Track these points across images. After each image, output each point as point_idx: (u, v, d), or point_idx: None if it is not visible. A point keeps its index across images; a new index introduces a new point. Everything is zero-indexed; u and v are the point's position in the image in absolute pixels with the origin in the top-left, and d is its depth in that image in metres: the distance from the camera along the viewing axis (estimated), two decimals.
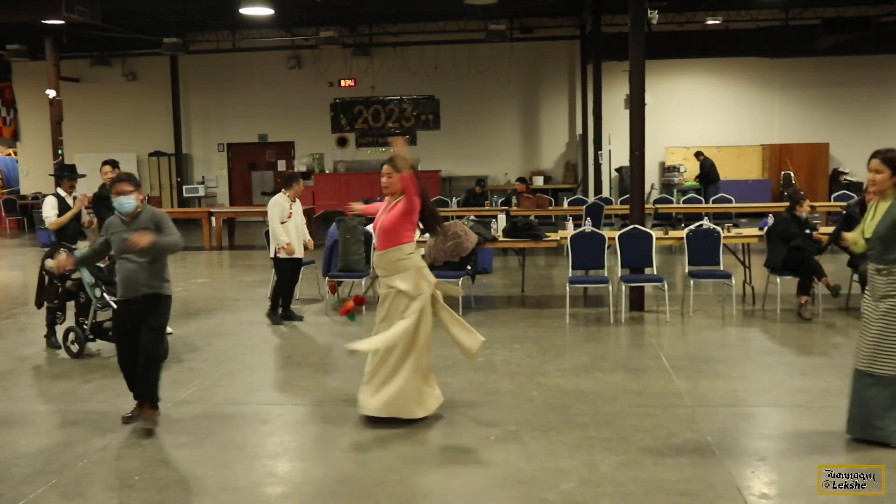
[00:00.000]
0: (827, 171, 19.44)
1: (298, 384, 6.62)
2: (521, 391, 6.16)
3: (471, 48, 19.78)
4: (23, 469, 4.80)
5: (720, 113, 19.95)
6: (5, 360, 7.49)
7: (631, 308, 9.00)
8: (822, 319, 8.45)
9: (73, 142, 20.02)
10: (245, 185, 22.25)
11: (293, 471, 4.83)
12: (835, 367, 6.62)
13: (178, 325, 8.47)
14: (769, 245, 8.93)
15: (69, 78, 20.87)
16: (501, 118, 20.84)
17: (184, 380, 6.62)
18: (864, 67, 19.32)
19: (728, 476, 4.52)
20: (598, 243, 8.87)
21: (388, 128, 21.29)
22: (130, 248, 5.26)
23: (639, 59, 9.23)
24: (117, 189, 5.46)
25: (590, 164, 19.30)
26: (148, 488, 4.52)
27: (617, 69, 16.76)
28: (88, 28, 15.36)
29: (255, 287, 11.18)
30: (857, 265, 8.46)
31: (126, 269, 5.42)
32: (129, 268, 5.40)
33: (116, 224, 5.52)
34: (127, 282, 5.43)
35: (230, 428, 5.49)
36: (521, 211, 13.65)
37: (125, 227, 5.45)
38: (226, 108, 21.67)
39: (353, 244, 9.35)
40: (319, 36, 17.88)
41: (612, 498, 4.26)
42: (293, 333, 8.42)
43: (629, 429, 5.23)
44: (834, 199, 15.43)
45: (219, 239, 16.39)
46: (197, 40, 20.11)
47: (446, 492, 4.44)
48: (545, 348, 7.48)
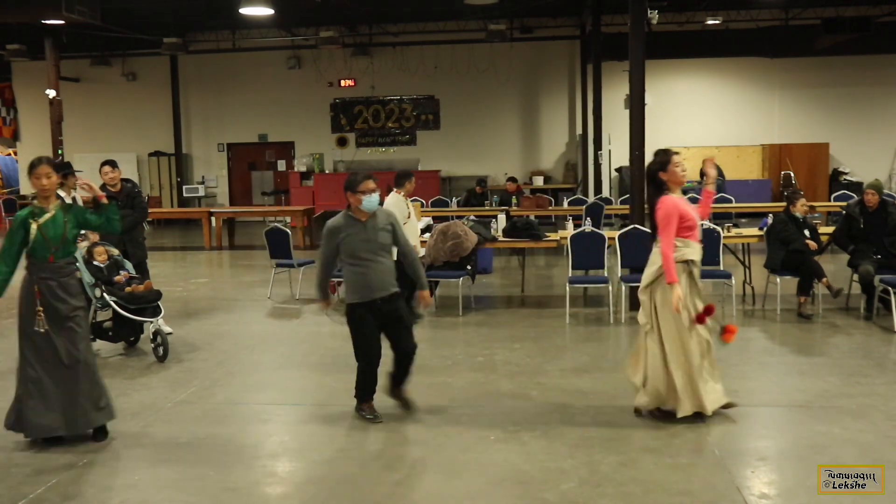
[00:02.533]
0: (827, 171, 19.43)
1: (298, 384, 6.62)
2: (521, 391, 6.16)
3: (471, 48, 19.78)
4: (23, 469, 4.80)
5: (720, 113, 19.94)
6: (5, 360, 7.49)
7: (631, 308, 8.98)
8: (822, 319, 8.45)
9: (73, 142, 20.02)
10: (245, 185, 22.25)
11: (293, 471, 4.83)
12: (835, 367, 6.63)
13: (178, 325, 8.47)
14: (769, 246, 8.93)
15: (69, 78, 20.86)
16: (501, 118, 20.83)
17: (184, 380, 6.63)
18: (864, 67, 19.31)
19: (728, 476, 4.52)
20: (598, 243, 8.86)
21: (388, 128, 21.30)
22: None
23: (639, 59, 9.23)
24: (367, 187, 5.28)
25: (590, 164, 19.29)
26: (148, 488, 4.52)
27: (617, 69, 16.74)
28: (88, 28, 15.35)
29: (255, 287, 11.18)
30: (857, 265, 8.46)
31: (366, 272, 5.33)
32: (369, 270, 5.32)
33: (346, 226, 5.37)
34: (377, 282, 5.35)
35: (230, 428, 5.49)
36: (521, 211, 13.65)
37: (359, 229, 5.34)
38: (226, 107, 21.67)
39: None
40: (319, 36, 17.88)
41: (612, 498, 4.26)
42: (293, 333, 8.42)
43: (629, 429, 5.23)
44: (834, 199, 15.43)
45: (219, 239, 16.39)
46: (197, 40, 20.11)
47: (446, 492, 4.44)
48: (545, 348, 7.48)
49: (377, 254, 5.33)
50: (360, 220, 5.35)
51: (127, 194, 8.06)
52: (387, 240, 5.40)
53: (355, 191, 5.31)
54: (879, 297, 8.28)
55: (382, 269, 5.35)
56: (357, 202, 5.32)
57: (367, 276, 5.30)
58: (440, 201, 15.86)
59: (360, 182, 5.31)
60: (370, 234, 5.31)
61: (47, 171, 5.09)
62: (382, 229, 5.36)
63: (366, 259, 5.30)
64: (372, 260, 5.30)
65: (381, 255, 5.36)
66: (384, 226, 5.38)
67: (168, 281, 11.50)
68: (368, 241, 5.29)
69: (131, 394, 6.24)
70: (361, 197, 5.29)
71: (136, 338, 7.74)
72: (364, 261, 5.30)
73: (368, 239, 5.30)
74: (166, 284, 10.42)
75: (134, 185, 8.51)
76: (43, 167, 5.10)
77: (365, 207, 5.32)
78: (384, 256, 5.37)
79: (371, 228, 5.33)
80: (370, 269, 5.30)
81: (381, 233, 5.36)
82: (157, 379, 6.71)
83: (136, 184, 8.93)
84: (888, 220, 8.45)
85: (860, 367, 6.60)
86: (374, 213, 5.38)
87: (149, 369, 7.01)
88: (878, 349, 7.26)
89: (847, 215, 8.77)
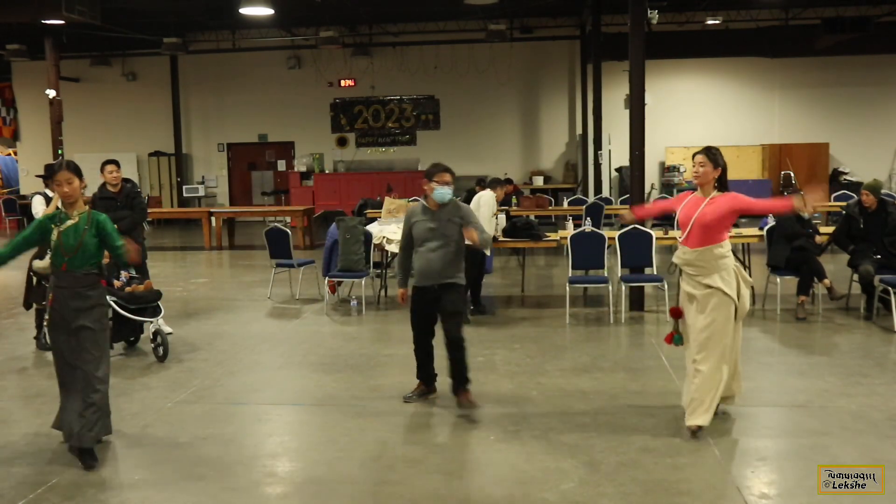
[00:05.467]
0: (827, 171, 19.43)
1: (298, 384, 6.62)
2: (521, 391, 6.16)
3: (471, 48, 19.78)
4: (23, 469, 4.79)
5: (720, 113, 19.94)
6: (5, 360, 7.50)
7: (631, 308, 9.00)
8: (822, 319, 8.45)
9: (73, 142, 20.01)
10: (245, 185, 22.25)
11: (293, 471, 4.83)
12: (835, 367, 6.63)
13: (178, 325, 8.47)
14: (771, 244, 8.93)
15: (69, 78, 20.86)
16: (501, 118, 20.83)
17: (184, 380, 6.63)
18: (864, 67, 19.32)
19: (728, 476, 4.52)
20: (598, 243, 8.86)
21: (388, 128, 21.30)
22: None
23: (639, 59, 9.23)
24: (443, 178, 5.49)
25: (590, 164, 19.29)
26: (148, 488, 4.52)
27: (617, 69, 16.75)
28: (88, 28, 15.35)
29: (255, 287, 11.18)
30: (857, 265, 8.46)
31: (427, 259, 5.51)
32: (431, 257, 5.49)
33: (419, 213, 5.60)
34: (431, 270, 5.51)
35: (230, 428, 5.49)
36: (521, 211, 13.65)
37: (428, 217, 5.54)
38: (226, 108, 21.67)
39: (353, 244, 9.35)
40: (319, 36, 17.88)
41: (612, 498, 4.26)
42: (293, 333, 8.42)
43: (629, 429, 5.23)
44: (834, 199, 15.42)
45: (219, 239, 16.39)
46: (197, 40, 20.11)
47: (446, 492, 4.44)
48: (545, 348, 7.48)
49: (437, 243, 5.50)
50: (431, 209, 5.56)
51: (127, 195, 8.04)
52: (452, 231, 5.55)
53: (431, 179, 5.54)
54: (879, 297, 8.29)
55: (437, 259, 5.50)
56: (430, 191, 5.55)
57: (430, 263, 5.49)
58: None
59: (436, 173, 5.56)
60: (438, 224, 5.50)
61: (67, 176, 4.80)
62: (450, 221, 5.54)
63: (430, 246, 5.48)
64: (435, 248, 5.48)
65: (445, 245, 5.51)
66: (452, 217, 5.55)
67: (168, 281, 11.50)
68: (432, 230, 5.49)
69: (131, 394, 6.24)
70: (434, 186, 5.52)
71: (136, 338, 7.75)
72: (428, 248, 5.49)
73: (433, 228, 5.49)
74: (166, 284, 10.43)
75: (134, 186, 8.50)
76: (63, 173, 4.81)
77: (435, 196, 5.53)
78: (448, 246, 5.52)
79: (440, 218, 5.52)
80: (432, 257, 5.49)
81: (447, 224, 5.53)
82: (157, 379, 6.71)
83: (136, 184, 8.93)
84: (888, 220, 8.45)
85: (860, 367, 6.60)
86: (446, 204, 5.56)
87: (149, 369, 7.01)
88: (878, 349, 7.26)
89: (847, 215, 8.77)
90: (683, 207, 5.22)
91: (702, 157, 5.18)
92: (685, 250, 5.16)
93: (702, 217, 5.08)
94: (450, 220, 5.56)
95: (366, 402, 5.98)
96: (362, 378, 6.60)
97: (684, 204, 5.25)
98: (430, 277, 5.54)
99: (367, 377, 6.63)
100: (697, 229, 5.08)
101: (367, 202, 15.08)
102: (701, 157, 5.19)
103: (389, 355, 7.34)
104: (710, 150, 5.20)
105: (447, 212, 5.57)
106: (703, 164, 5.15)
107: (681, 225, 5.23)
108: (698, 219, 5.08)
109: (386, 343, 7.95)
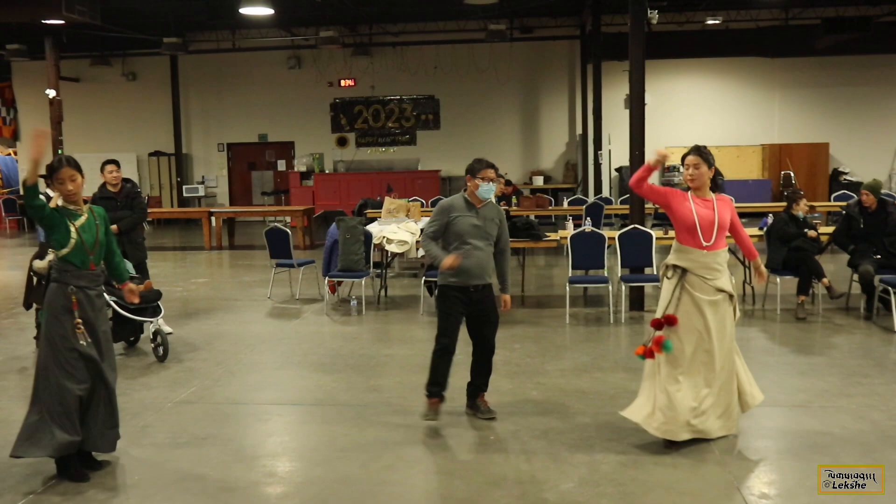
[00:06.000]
0: (827, 171, 19.44)
1: (298, 384, 6.62)
2: (521, 391, 6.16)
3: (471, 48, 19.78)
4: (23, 469, 4.79)
5: (720, 113, 19.94)
6: (5, 360, 7.50)
7: (631, 308, 9.00)
8: (822, 319, 8.45)
9: (73, 142, 19.99)
10: (245, 185, 22.25)
11: (293, 471, 4.83)
12: (835, 367, 6.63)
13: (178, 325, 8.47)
14: (769, 245, 8.93)
15: (69, 78, 20.86)
16: (501, 118, 20.83)
17: (184, 380, 6.63)
18: (864, 67, 19.31)
19: (728, 476, 4.52)
20: (598, 243, 8.87)
21: (388, 128, 21.30)
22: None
23: (639, 59, 9.23)
24: (487, 175, 5.38)
25: (590, 164, 19.29)
26: (148, 488, 4.52)
27: (617, 69, 16.76)
28: (88, 28, 15.35)
29: (254, 287, 11.18)
30: (857, 265, 8.46)
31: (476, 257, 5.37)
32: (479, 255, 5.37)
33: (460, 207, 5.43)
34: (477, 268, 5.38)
35: (230, 428, 5.49)
36: (521, 211, 13.64)
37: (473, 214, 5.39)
38: (226, 107, 21.67)
39: (353, 244, 9.35)
40: (319, 36, 17.87)
41: (612, 498, 4.26)
42: (293, 333, 8.42)
43: (629, 429, 5.22)
44: (834, 199, 15.44)
45: (219, 239, 16.40)
46: (197, 40, 20.10)
47: (446, 492, 4.44)
48: (545, 348, 7.48)
49: (482, 241, 5.40)
50: (475, 206, 5.44)
51: (127, 195, 8.05)
52: (493, 231, 5.48)
53: (475, 175, 5.43)
54: (879, 297, 8.29)
55: (483, 258, 5.41)
56: (475, 187, 5.43)
57: (468, 261, 5.34)
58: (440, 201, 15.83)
59: (480, 169, 5.44)
60: (480, 221, 5.40)
61: (71, 173, 4.54)
62: (491, 220, 5.45)
63: (470, 244, 5.35)
64: (475, 246, 5.36)
65: (485, 244, 5.43)
66: (493, 217, 5.48)
67: (168, 281, 11.50)
68: (477, 228, 5.38)
69: (131, 394, 6.23)
70: (479, 182, 5.41)
71: (136, 338, 7.75)
72: (468, 245, 5.35)
73: (477, 225, 5.38)
74: (166, 284, 10.43)
75: (134, 186, 8.50)
76: (66, 170, 4.53)
77: (480, 194, 5.43)
78: (487, 246, 5.44)
79: (482, 216, 5.42)
80: (472, 255, 5.35)
81: (489, 223, 5.45)
82: (157, 379, 6.71)
83: (136, 184, 8.92)
84: (888, 220, 8.45)
85: (860, 367, 6.60)
86: (488, 202, 5.48)
87: (149, 369, 7.01)
88: (878, 349, 7.26)
89: (847, 215, 8.77)
90: (696, 210, 4.94)
91: (695, 157, 4.95)
92: (703, 254, 4.93)
93: (722, 219, 4.94)
94: (491, 219, 5.45)
95: (366, 402, 5.99)
96: (362, 378, 6.60)
97: (693, 207, 4.95)
98: (477, 276, 5.38)
99: (367, 377, 6.63)
100: (719, 232, 4.96)
101: (367, 202, 15.08)
102: (694, 157, 4.95)
103: (389, 355, 7.35)
104: (702, 150, 4.99)
105: (489, 210, 5.47)
106: (698, 165, 4.94)
107: (703, 229, 4.92)
108: (721, 221, 4.93)
109: (386, 343, 7.95)
